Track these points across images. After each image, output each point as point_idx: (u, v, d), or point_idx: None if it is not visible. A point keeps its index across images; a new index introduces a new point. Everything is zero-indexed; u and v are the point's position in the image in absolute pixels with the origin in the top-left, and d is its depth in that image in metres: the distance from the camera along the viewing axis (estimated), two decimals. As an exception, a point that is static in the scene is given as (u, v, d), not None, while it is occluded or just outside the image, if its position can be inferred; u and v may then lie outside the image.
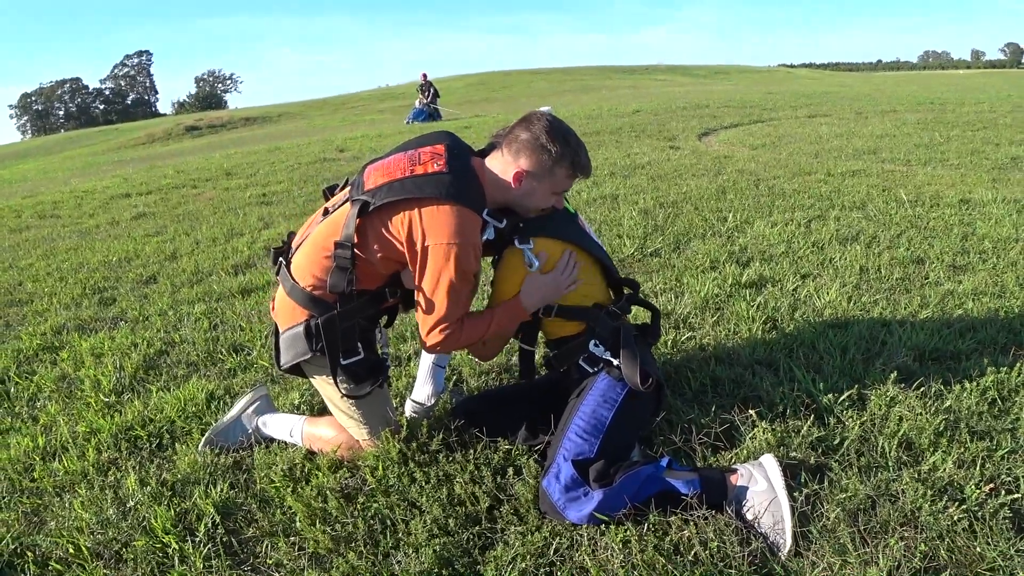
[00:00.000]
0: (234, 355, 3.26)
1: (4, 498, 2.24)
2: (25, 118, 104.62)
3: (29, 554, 1.92)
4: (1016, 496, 1.83)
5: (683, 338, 2.98)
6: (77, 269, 5.36)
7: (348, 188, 2.11)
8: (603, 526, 1.80)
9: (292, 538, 1.90)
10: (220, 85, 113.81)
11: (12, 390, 3.12)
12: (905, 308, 3.18)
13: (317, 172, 10.03)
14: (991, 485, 1.86)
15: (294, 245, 2.17)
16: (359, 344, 2.08)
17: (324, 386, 2.15)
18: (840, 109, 15.16)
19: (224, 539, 1.93)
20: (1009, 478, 1.92)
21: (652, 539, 1.73)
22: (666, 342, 2.93)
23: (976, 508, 1.79)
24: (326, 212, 2.12)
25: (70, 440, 2.52)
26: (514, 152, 2.01)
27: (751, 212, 5.29)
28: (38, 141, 53.57)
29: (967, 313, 3.08)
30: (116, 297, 4.50)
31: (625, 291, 2.30)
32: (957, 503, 1.79)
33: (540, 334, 2.28)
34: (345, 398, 2.12)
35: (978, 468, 1.93)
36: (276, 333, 2.13)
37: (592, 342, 2.11)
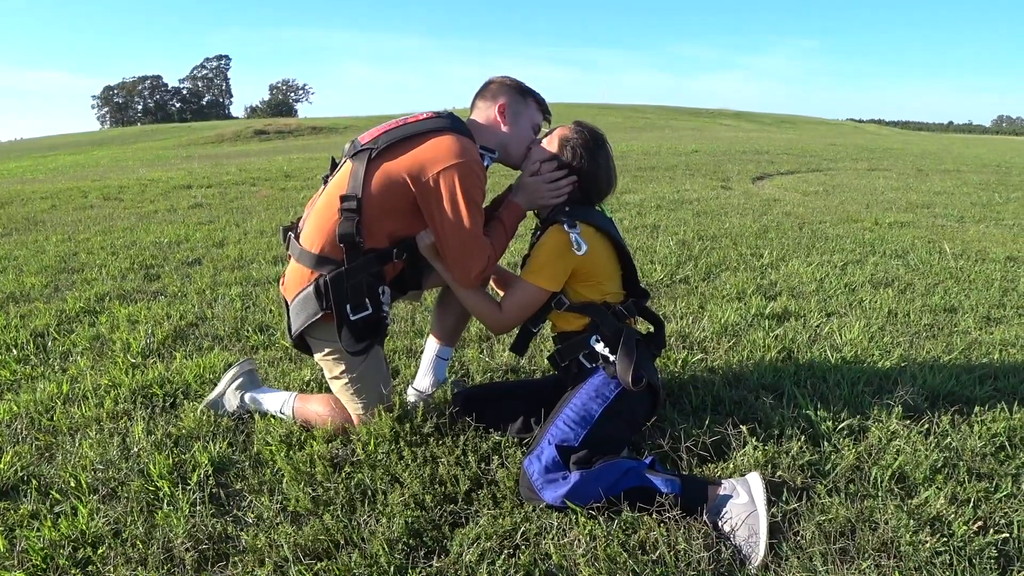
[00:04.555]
0: (259, 334, 3.38)
1: (23, 434, 2.38)
2: (106, 109, 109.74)
3: (34, 481, 2.04)
4: (1005, 536, 1.77)
5: (694, 359, 2.97)
6: (129, 246, 5.63)
7: (343, 159, 2.22)
8: (574, 517, 1.82)
9: (277, 496, 1.97)
10: (292, 94, 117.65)
11: (49, 344, 3.30)
12: (928, 353, 3.10)
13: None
14: (979, 523, 1.81)
15: (301, 223, 2.27)
16: (367, 300, 2.14)
17: (325, 361, 2.22)
18: (902, 165, 14.88)
19: (213, 490, 2.01)
20: (1003, 521, 1.86)
21: (620, 535, 1.74)
22: (676, 361, 2.93)
23: (961, 544, 1.74)
24: (326, 184, 2.24)
25: (91, 390, 2.67)
26: (491, 96, 2.25)
27: (789, 251, 5.23)
28: (115, 132, 56.24)
29: (992, 362, 2.99)
30: (161, 275, 4.71)
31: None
32: (940, 536, 1.74)
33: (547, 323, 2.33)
34: (344, 373, 2.19)
35: (971, 507, 1.88)
36: (286, 306, 2.21)
37: (594, 337, 2.16)
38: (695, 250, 5.22)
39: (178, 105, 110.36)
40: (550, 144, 2.21)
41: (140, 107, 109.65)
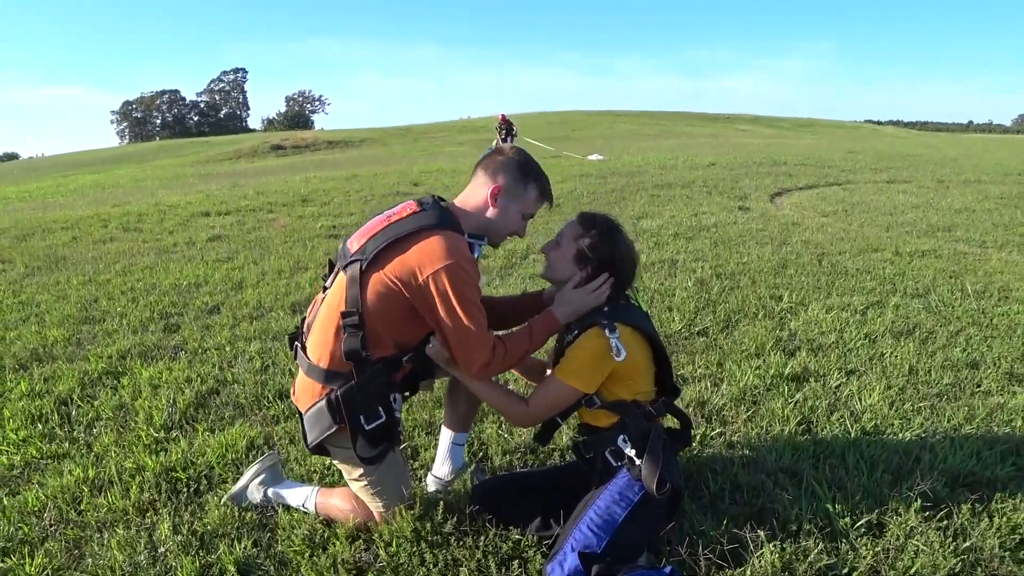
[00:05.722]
0: (279, 401, 3.42)
1: (52, 526, 2.44)
2: (124, 124, 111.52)
3: (63, 591, 2.08)
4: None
5: (713, 433, 2.97)
6: (149, 290, 5.72)
7: (337, 265, 2.21)
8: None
9: (300, 607, 1.99)
10: (308, 106, 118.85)
11: (74, 413, 3.37)
12: (949, 420, 3.08)
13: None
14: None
15: (306, 328, 2.28)
16: (379, 408, 2.13)
17: (344, 464, 2.24)
18: (921, 176, 14.73)
19: (238, 600, 2.05)
20: (1026, 635, 1.85)
21: (641, 658, 1.75)
22: (695, 435, 2.92)
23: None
24: (325, 290, 2.23)
25: (117, 476, 2.71)
26: (492, 172, 2.18)
27: (808, 292, 5.20)
28: (133, 148, 57.08)
29: (1014, 432, 2.96)
30: (180, 325, 4.78)
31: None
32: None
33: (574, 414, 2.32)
34: (363, 476, 2.21)
35: (992, 621, 1.87)
36: (300, 416, 2.21)
37: (622, 437, 2.15)
38: (713, 291, 5.21)
39: (196, 118, 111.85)
40: (567, 250, 2.19)
41: (159, 121, 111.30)
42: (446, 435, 2.56)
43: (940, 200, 10.75)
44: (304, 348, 2.22)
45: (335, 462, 2.27)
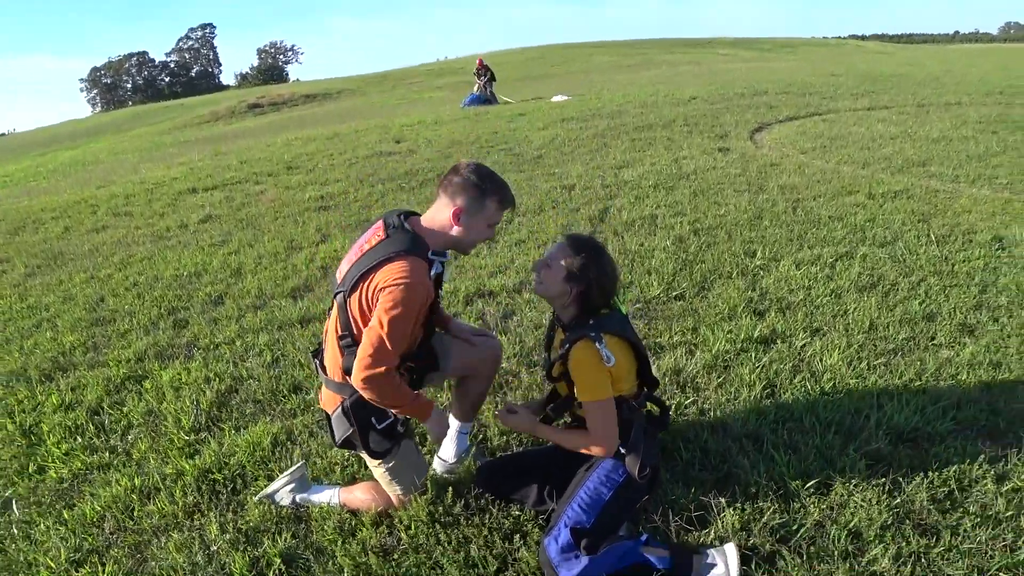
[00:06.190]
0: (294, 395, 3.74)
1: (113, 535, 2.80)
2: (95, 91, 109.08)
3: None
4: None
5: (687, 402, 3.31)
6: (152, 284, 5.96)
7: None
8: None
9: (341, 589, 2.37)
10: (282, 57, 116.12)
11: (106, 422, 3.69)
12: (901, 376, 3.42)
13: (374, 170, 10.44)
14: (918, 582, 2.18)
15: (323, 345, 2.63)
16: (387, 409, 2.50)
17: (366, 455, 2.60)
18: (902, 100, 14.78)
19: (287, 586, 2.43)
20: None
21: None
22: (671, 405, 3.26)
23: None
24: (329, 311, 2.57)
25: (161, 483, 3.05)
26: (451, 194, 2.38)
27: (782, 245, 5.47)
28: (107, 117, 55.89)
29: (957, 386, 3.31)
30: (188, 320, 5.05)
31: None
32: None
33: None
34: (382, 464, 2.58)
35: (910, 566, 2.25)
36: (328, 418, 2.60)
37: None
38: (691, 249, 5.48)
39: (167, 79, 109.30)
40: (557, 272, 2.43)
41: (129, 85, 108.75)
42: (453, 423, 2.92)
43: (919, 128, 10.89)
44: (323, 362, 2.59)
45: (360, 452, 2.62)
